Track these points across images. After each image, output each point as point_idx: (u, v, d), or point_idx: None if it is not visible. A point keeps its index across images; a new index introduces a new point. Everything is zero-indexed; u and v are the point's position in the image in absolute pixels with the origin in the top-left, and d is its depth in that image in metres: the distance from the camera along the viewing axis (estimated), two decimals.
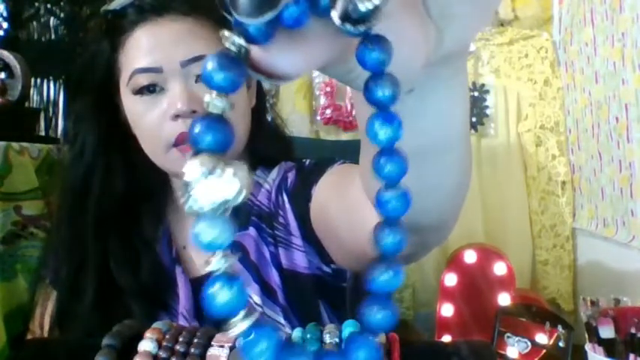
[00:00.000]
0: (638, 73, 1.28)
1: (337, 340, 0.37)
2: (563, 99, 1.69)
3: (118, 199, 0.70)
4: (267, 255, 0.69)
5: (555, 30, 1.73)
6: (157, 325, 0.41)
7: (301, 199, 0.66)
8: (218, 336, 0.38)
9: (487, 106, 1.72)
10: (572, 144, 1.66)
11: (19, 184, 1.14)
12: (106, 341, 0.39)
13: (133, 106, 0.67)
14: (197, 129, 0.18)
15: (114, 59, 0.68)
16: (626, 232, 1.35)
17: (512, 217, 1.71)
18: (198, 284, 0.68)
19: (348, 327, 0.37)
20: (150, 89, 0.65)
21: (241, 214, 0.71)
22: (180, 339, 0.39)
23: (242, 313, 0.18)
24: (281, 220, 0.69)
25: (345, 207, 0.53)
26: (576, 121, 1.62)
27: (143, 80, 0.65)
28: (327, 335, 0.37)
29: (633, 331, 1.01)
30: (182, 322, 0.65)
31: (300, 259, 0.68)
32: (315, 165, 0.70)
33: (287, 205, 0.69)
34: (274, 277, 0.67)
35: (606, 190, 1.45)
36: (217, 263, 0.19)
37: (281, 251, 0.68)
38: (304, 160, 0.74)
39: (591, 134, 1.52)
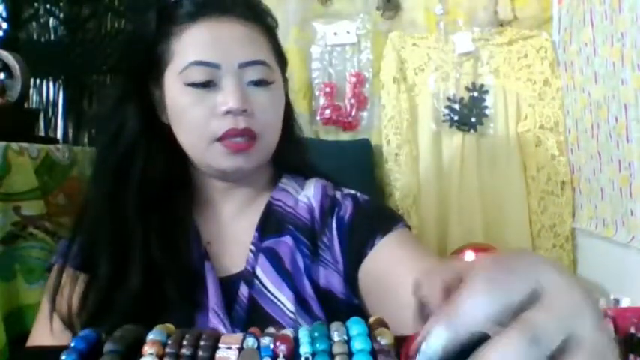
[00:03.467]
0: (637, 73, 1.28)
1: (345, 337, 0.37)
2: (563, 99, 1.69)
3: (158, 183, 0.71)
4: (302, 266, 0.69)
5: (555, 30, 1.74)
6: (154, 336, 0.40)
7: (361, 239, 0.68)
8: (224, 337, 0.38)
9: (486, 107, 1.72)
10: (572, 144, 1.66)
11: (19, 185, 1.14)
12: (108, 346, 0.39)
13: (179, 97, 0.68)
14: None
15: (164, 46, 0.69)
16: (626, 232, 1.35)
17: (512, 217, 1.71)
18: (226, 283, 0.68)
19: (355, 324, 0.37)
20: (204, 84, 0.67)
21: (274, 221, 0.72)
22: (185, 342, 0.38)
23: None
24: (326, 240, 0.71)
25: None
26: (576, 121, 1.62)
27: (199, 73, 0.67)
28: (335, 333, 0.37)
29: (633, 330, 1.01)
30: (213, 318, 0.65)
31: (337, 283, 0.69)
32: (378, 210, 0.73)
33: (335, 232, 0.71)
34: (307, 289, 0.68)
35: (606, 190, 1.45)
36: None
37: (321, 270, 0.69)
38: (354, 192, 0.76)
39: (591, 134, 1.52)
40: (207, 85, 0.67)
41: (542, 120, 1.70)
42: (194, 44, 0.67)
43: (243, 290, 0.67)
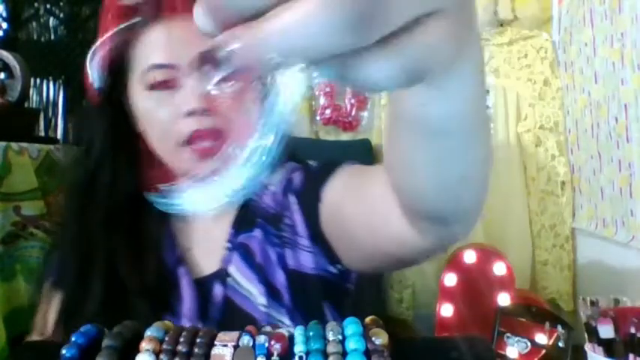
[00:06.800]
0: (637, 73, 1.28)
1: (340, 337, 0.37)
2: (563, 99, 1.69)
3: (125, 197, 0.70)
4: (274, 256, 0.68)
5: (555, 30, 1.74)
6: (151, 333, 0.40)
7: (310, 200, 0.66)
8: (221, 335, 0.38)
9: (486, 106, 1.72)
10: (572, 144, 1.66)
11: (19, 185, 1.14)
12: (106, 342, 0.39)
13: (143, 102, 0.67)
14: None
15: (122, 55, 0.68)
16: (626, 232, 1.35)
17: (512, 218, 1.71)
18: (201, 285, 0.68)
19: (351, 324, 0.37)
20: (165, 87, 0.65)
21: (247, 216, 0.71)
22: (181, 339, 0.38)
23: None
24: (287, 221, 0.69)
25: (363, 208, 0.55)
26: (576, 121, 1.62)
27: (158, 76, 0.65)
28: (330, 333, 0.37)
29: (633, 331, 1.01)
30: (185, 323, 0.64)
31: (306, 260, 0.68)
32: (323, 166, 0.70)
33: (294, 206, 0.69)
34: (280, 279, 0.67)
35: (606, 190, 1.45)
36: None
37: (287, 252, 0.68)
38: (310, 162, 0.74)
39: (591, 134, 1.52)
40: (168, 87, 0.66)
41: (542, 120, 1.70)
42: (150, 48, 0.66)
43: (217, 290, 0.67)
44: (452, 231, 0.44)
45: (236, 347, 0.37)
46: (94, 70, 0.70)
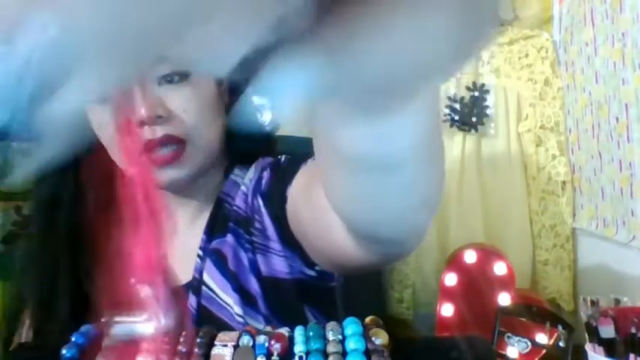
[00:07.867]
0: (638, 73, 1.28)
1: (340, 337, 0.37)
2: (564, 99, 1.69)
3: (90, 209, 0.66)
4: (246, 262, 0.65)
5: (555, 30, 1.73)
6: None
7: (277, 201, 0.62)
8: (220, 335, 0.38)
9: (487, 106, 1.72)
10: (573, 144, 1.66)
11: (20, 184, 1.14)
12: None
13: (93, 115, 0.62)
14: None
15: None
16: (627, 232, 1.35)
17: (512, 217, 1.70)
18: (177, 294, 0.65)
19: (351, 324, 0.37)
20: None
21: (220, 221, 0.69)
22: (181, 339, 0.39)
23: None
24: (257, 225, 0.66)
25: (312, 212, 0.51)
26: (576, 121, 1.62)
27: None
28: (330, 332, 0.37)
29: (633, 331, 1.01)
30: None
31: (279, 265, 0.65)
32: (289, 163, 0.66)
33: (262, 209, 0.66)
34: (254, 285, 0.64)
35: (606, 190, 1.45)
36: None
37: (259, 258, 0.65)
38: (280, 157, 0.70)
39: (591, 134, 1.52)
40: None
41: (542, 120, 1.70)
42: None
43: (192, 301, 0.64)
44: (398, 249, 0.41)
45: (236, 347, 0.37)
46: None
